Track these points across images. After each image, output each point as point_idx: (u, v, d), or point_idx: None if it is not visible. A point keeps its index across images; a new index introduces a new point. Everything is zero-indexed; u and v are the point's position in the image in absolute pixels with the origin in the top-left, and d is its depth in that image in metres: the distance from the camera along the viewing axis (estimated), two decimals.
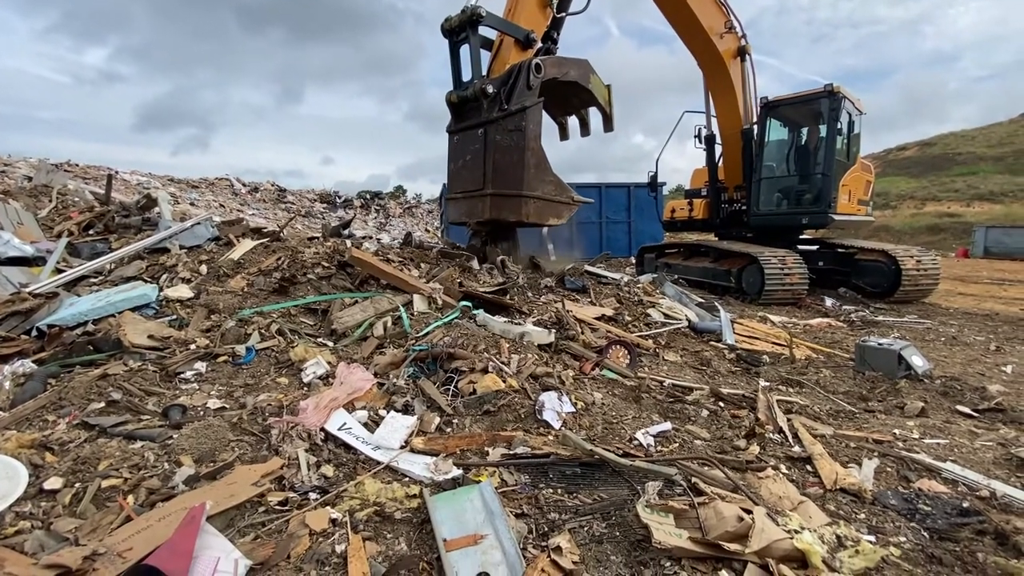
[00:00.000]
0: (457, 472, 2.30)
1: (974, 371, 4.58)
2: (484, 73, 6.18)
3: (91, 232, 5.88)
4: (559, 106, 7.40)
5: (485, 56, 6.30)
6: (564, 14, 7.00)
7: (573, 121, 8.02)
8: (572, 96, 6.83)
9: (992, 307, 8.37)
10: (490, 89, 5.62)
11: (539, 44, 6.58)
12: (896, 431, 3.03)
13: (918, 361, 4.14)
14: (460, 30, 6.04)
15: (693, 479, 2.25)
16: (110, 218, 6.07)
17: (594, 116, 7.58)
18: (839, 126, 8.40)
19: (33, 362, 3.22)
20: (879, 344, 4.28)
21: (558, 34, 7.08)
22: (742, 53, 8.86)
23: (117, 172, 17.62)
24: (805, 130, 9.23)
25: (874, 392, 3.80)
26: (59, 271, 4.65)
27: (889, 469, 2.57)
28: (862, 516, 2.16)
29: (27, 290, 4.08)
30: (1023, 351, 5.34)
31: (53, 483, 2.12)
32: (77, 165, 18.00)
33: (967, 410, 3.47)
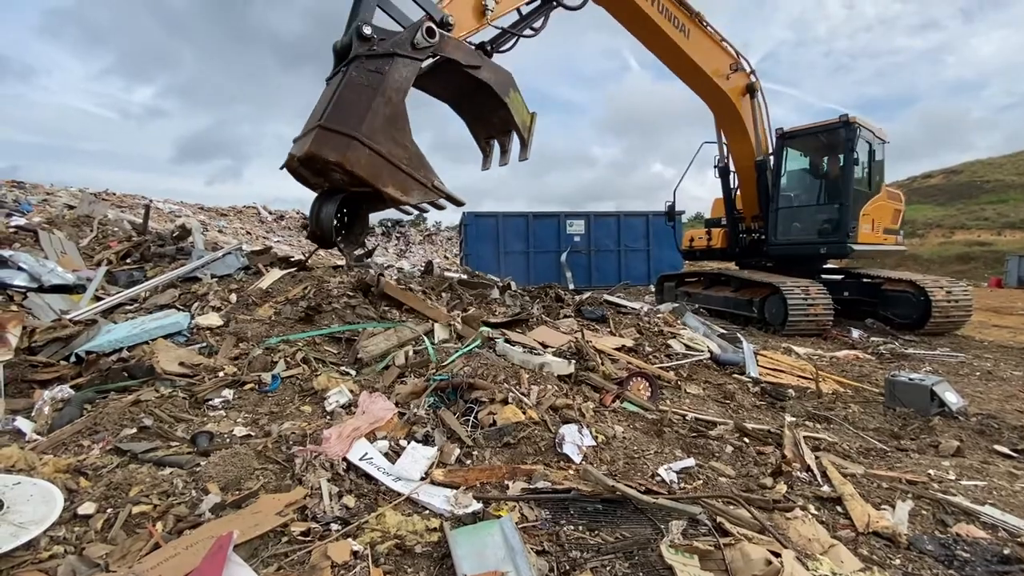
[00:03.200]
0: (477, 506, 2.29)
1: (1012, 408, 4.40)
2: None
3: (128, 261, 6.14)
4: (482, 125, 6.53)
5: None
6: (504, 34, 6.09)
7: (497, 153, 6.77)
8: (492, 113, 6.09)
9: None
10: (367, 30, 4.79)
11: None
12: (931, 471, 2.92)
13: (952, 397, 4.01)
14: None
15: (718, 518, 2.20)
16: (146, 247, 6.34)
17: (515, 144, 6.46)
18: (856, 156, 8.40)
19: (71, 387, 3.35)
20: (910, 379, 4.16)
21: (493, 50, 6.11)
22: (751, 90, 8.89)
23: (151, 201, 18.39)
24: (822, 160, 9.23)
25: (906, 429, 3.68)
26: (98, 299, 4.85)
27: (924, 512, 2.47)
28: (897, 562, 2.08)
29: (67, 317, 4.26)
30: None
31: (86, 508, 2.18)
32: (114, 194, 18.85)
33: (1005, 450, 3.34)
